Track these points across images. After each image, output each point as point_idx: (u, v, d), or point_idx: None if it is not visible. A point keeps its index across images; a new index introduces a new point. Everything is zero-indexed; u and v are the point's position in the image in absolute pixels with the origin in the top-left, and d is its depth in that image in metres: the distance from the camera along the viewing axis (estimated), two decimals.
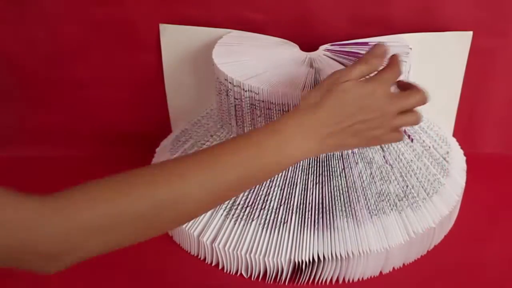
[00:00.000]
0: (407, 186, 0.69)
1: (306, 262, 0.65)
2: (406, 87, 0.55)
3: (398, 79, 0.54)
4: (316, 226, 0.66)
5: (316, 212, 0.66)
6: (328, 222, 0.66)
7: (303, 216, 0.66)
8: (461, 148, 0.82)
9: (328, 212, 0.66)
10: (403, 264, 0.70)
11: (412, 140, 0.72)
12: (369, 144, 0.55)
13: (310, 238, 0.66)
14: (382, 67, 0.54)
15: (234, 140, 0.49)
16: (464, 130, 0.86)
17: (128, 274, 0.71)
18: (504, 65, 0.80)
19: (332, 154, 0.67)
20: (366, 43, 0.73)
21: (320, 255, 0.65)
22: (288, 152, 0.49)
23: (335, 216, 0.66)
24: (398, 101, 0.52)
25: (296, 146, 0.49)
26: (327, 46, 0.73)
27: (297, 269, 0.67)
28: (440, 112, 0.81)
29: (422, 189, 0.70)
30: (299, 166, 0.68)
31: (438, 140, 0.76)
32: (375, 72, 0.53)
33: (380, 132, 0.52)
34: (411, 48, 0.69)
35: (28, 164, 0.93)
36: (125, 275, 0.71)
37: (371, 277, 0.68)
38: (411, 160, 0.70)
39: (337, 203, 0.67)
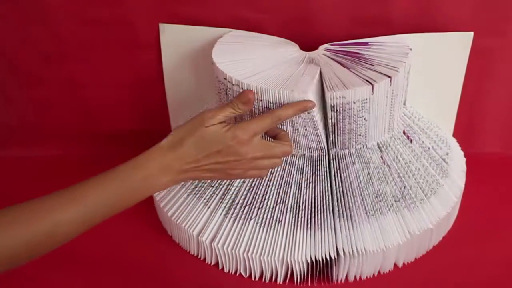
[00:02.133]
0: (404, 187, 0.69)
1: (301, 262, 0.65)
2: (275, 134, 0.61)
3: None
4: (309, 225, 0.66)
5: (309, 211, 0.67)
6: (320, 222, 0.66)
7: (297, 216, 0.67)
8: (461, 148, 0.82)
9: (320, 212, 0.66)
10: (403, 264, 0.70)
11: (411, 141, 0.72)
12: (228, 178, 0.60)
13: (302, 238, 0.66)
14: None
15: (103, 176, 0.53)
16: (464, 130, 0.86)
17: (127, 273, 0.71)
18: (504, 65, 0.80)
19: (327, 154, 0.67)
20: (366, 43, 0.72)
21: (314, 255, 0.65)
22: (149, 185, 0.55)
23: (327, 216, 0.66)
24: (259, 149, 0.57)
25: (155, 180, 0.55)
26: (327, 45, 0.73)
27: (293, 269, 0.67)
28: (440, 112, 0.81)
29: (420, 190, 0.69)
30: (295, 165, 0.68)
31: (437, 141, 0.76)
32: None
33: (236, 172, 0.58)
34: (411, 49, 0.69)
35: (28, 164, 0.93)
36: (124, 274, 0.71)
37: (369, 277, 0.68)
38: (410, 161, 0.70)
39: (329, 203, 0.67)
